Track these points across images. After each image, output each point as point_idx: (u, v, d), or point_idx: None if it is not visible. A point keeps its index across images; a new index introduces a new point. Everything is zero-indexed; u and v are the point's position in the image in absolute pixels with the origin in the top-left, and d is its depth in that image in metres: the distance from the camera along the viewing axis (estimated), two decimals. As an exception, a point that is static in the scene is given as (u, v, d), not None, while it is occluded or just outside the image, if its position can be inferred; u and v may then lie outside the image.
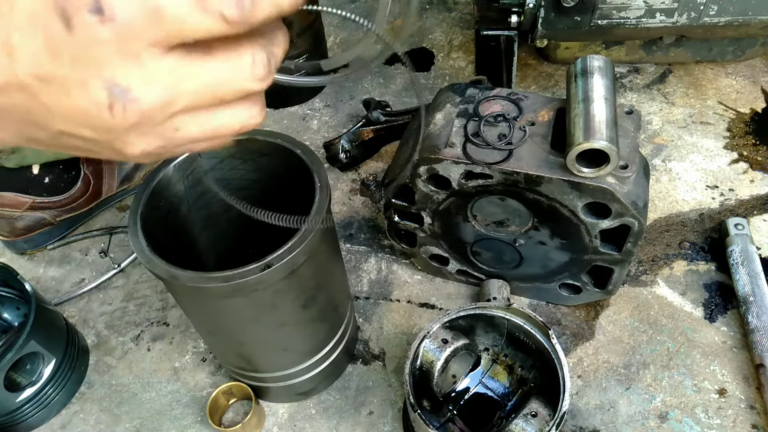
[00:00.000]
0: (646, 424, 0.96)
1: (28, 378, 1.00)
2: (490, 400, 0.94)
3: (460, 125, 0.91)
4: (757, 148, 1.31)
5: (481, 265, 1.08)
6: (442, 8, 1.77)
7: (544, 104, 0.92)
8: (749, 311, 1.01)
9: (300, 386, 0.98)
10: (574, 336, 1.07)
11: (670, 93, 1.44)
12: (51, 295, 1.21)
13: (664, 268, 1.14)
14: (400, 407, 1.01)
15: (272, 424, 1.01)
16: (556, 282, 1.05)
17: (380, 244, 1.24)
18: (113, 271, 1.23)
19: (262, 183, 0.89)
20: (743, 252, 1.08)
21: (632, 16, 1.13)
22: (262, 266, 0.68)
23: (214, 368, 1.09)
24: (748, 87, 1.42)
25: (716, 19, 1.14)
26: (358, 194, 1.30)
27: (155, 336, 1.14)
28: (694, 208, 1.22)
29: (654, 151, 1.33)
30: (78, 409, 1.06)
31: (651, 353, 1.03)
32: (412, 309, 1.14)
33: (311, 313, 0.84)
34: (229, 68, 0.35)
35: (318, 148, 1.39)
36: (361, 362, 1.07)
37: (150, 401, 1.06)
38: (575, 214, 0.88)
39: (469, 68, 1.57)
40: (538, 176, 0.85)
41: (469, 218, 0.98)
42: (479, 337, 0.95)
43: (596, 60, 0.87)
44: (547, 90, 1.49)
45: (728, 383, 0.99)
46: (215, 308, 0.78)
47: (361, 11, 1.80)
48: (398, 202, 1.02)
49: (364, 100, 1.37)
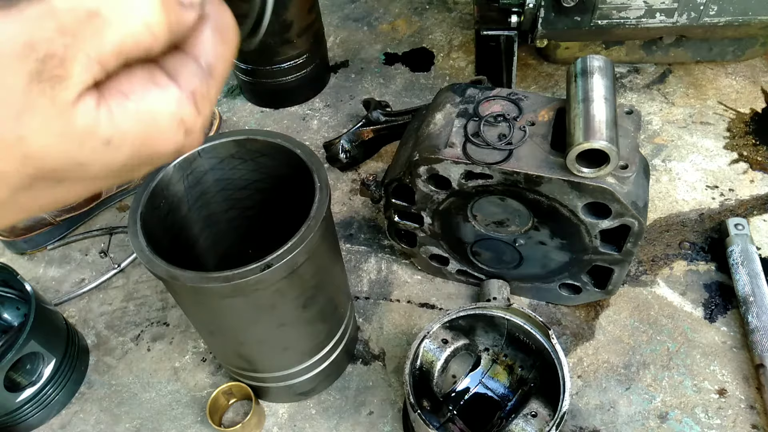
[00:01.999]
0: (646, 424, 0.96)
1: (28, 378, 1.00)
2: (490, 400, 0.94)
3: (460, 125, 0.91)
4: (757, 148, 1.31)
5: (481, 265, 1.08)
6: (442, 8, 1.77)
7: (544, 104, 0.92)
8: (749, 311, 1.01)
9: (300, 386, 0.98)
10: (574, 336, 1.07)
11: (670, 93, 1.44)
12: (51, 295, 1.21)
13: (664, 268, 1.14)
14: (400, 407, 1.01)
15: (272, 424, 1.01)
16: (556, 282, 1.05)
17: (380, 244, 1.24)
18: (113, 271, 1.23)
19: (262, 183, 0.89)
20: (743, 252, 1.08)
21: (632, 16, 1.13)
22: (262, 266, 0.68)
23: (214, 368, 1.09)
24: (748, 87, 1.42)
25: (716, 19, 1.14)
26: (358, 194, 1.30)
27: (155, 336, 1.14)
28: (694, 208, 1.22)
29: (654, 151, 1.33)
30: (78, 409, 1.06)
31: (651, 353, 1.03)
32: (412, 309, 1.13)
33: (311, 313, 0.84)
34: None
35: (318, 148, 1.39)
36: (361, 362, 1.07)
37: (150, 401, 1.06)
38: (575, 214, 0.88)
39: (469, 68, 1.57)
40: (538, 176, 0.85)
41: (469, 218, 0.98)
42: (479, 337, 0.95)
43: (596, 60, 0.87)
44: (547, 90, 1.49)
45: (728, 383, 0.99)
46: (215, 308, 0.78)
47: (360, 11, 1.80)
48: (398, 202, 1.02)
49: (364, 100, 1.37)
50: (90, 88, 0.26)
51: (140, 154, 0.28)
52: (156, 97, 0.27)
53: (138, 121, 0.27)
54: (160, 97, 0.27)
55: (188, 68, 0.29)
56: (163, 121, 0.28)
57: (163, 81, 0.28)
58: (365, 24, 1.76)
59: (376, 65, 1.63)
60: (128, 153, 0.27)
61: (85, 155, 0.26)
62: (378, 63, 1.63)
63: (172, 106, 0.28)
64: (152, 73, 0.27)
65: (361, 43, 1.70)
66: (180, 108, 0.28)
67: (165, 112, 0.28)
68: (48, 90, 0.24)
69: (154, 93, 0.27)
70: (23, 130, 0.24)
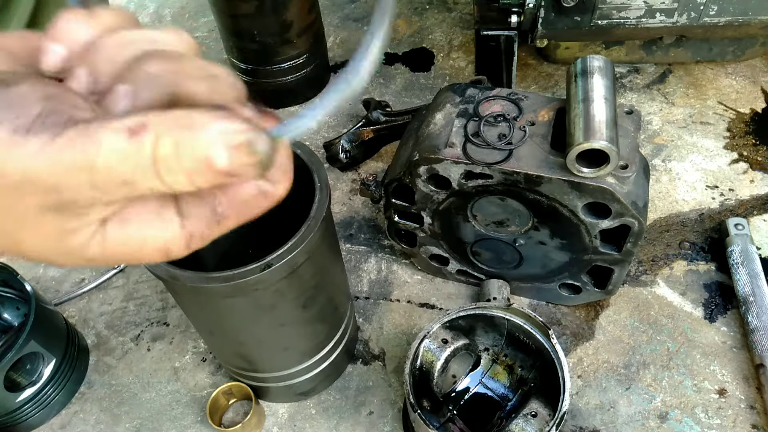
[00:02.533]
0: (646, 424, 0.96)
1: (28, 378, 1.00)
2: (490, 400, 0.94)
3: (460, 125, 0.91)
4: (757, 148, 1.31)
5: (481, 265, 1.08)
6: (442, 8, 1.77)
7: (544, 104, 0.92)
8: (749, 311, 1.01)
9: (300, 386, 0.98)
10: (574, 336, 1.07)
11: (670, 93, 1.44)
12: (51, 295, 1.21)
13: (664, 268, 1.14)
14: (400, 407, 1.01)
15: (272, 424, 1.01)
16: (556, 282, 1.05)
17: (380, 244, 1.24)
18: (113, 271, 1.23)
19: (262, 183, 0.89)
20: (743, 252, 1.08)
21: (632, 16, 1.13)
22: (262, 266, 0.68)
23: (214, 368, 1.09)
24: (748, 87, 1.42)
25: (716, 19, 1.14)
26: (358, 194, 1.30)
27: (155, 336, 1.14)
28: (694, 208, 1.22)
29: (654, 151, 1.33)
30: (78, 409, 1.06)
31: (651, 353, 1.03)
32: (412, 309, 1.13)
33: (311, 313, 0.84)
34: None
35: (318, 148, 1.39)
36: (361, 362, 1.07)
37: (150, 401, 1.06)
38: (575, 214, 0.88)
39: (469, 68, 1.57)
40: (538, 176, 0.85)
41: (469, 218, 0.98)
42: (479, 337, 0.95)
43: (596, 60, 0.86)
44: (547, 90, 1.49)
45: (728, 383, 0.99)
46: (215, 308, 0.77)
47: (360, 11, 1.80)
48: (398, 202, 1.02)
49: (364, 100, 1.37)
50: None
51: (115, 262, 0.28)
52: (154, 230, 0.27)
53: (125, 245, 0.27)
54: (158, 230, 0.27)
55: (201, 213, 0.28)
56: (150, 248, 0.28)
57: (169, 216, 0.28)
58: (365, 24, 1.76)
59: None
60: (104, 263, 0.28)
61: (68, 263, 0.27)
62: (378, 63, 1.63)
63: (165, 239, 0.28)
64: (163, 207, 0.27)
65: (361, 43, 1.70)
66: (171, 243, 0.28)
67: (156, 242, 0.28)
68: (56, 220, 0.25)
69: (155, 226, 0.27)
70: (21, 238, 0.26)
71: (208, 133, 0.24)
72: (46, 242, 0.26)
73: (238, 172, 0.25)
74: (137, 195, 0.25)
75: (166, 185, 0.24)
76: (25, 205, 0.24)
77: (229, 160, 0.24)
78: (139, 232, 0.27)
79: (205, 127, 0.24)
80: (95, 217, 0.26)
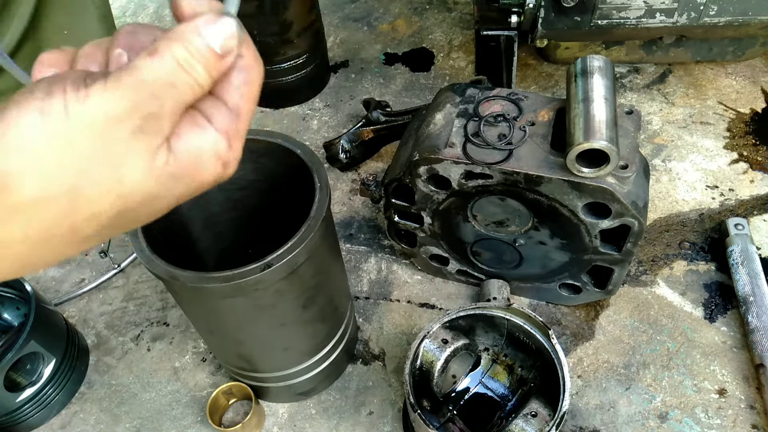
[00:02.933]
0: (646, 424, 0.96)
1: (28, 378, 1.00)
2: (490, 400, 0.94)
3: (460, 125, 0.91)
4: (757, 148, 1.31)
5: (481, 265, 1.08)
6: (442, 8, 1.77)
7: (544, 104, 0.92)
8: (749, 311, 1.01)
9: (300, 386, 0.98)
10: (574, 336, 1.07)
11: (670, 93, 1.44)
12: (51, 295, 1.21)
13: (664, 268, 1.14)
14: (400, 407, 1.01)
15: (272, 424, 1.01)
16: (556, 282, 1.05)
17: (380, 244, 1.24)
18: (113, 271, 1.23)
19: (262, 183, 0.89)
20: (743, 252, 1.08)
21: (632, 16, 1.13)
22: (262, 266, 0.68)
23: (214, 368, 1.09)
24: (748, 87, 1.42)
25: (716, 19, 1.13)
26: (358, 194, 1.30)
27: (155, 336, 1.14)
28: (694, 208, 1.22)
29: (654, 151, 1.33)
30: (78, 409, 1.06)
31: (651, 353, 1.03)
32: (412, 309, 1.13)
33: (311, 313, 0.84)
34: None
35: (318, 148, 1.39)
36: (361, 362, 1.07)
37: (150, 401, 1.06)
38: (575, 214, 0.88)
39: (469, 68, 1.57)
40: (538, 176, 0.85)
41: (469, 218, 0.98)
42: (479, 337, 0.95)
43: (596, 60, 0.86)
44: (547, 90, 1.49)
45: (728, 383, 0.99)
46: (215, 308, 0.77)
47: (360, 11, 1.80)
48: (398, 202, 1.02)
49: (364, 100, 1.37)
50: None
51: (190, 186, 0.34)
52: (200, 137, 0.33)
53: (189, 155, 0.33)
54: (203, 136, 0.33)
55: (220, 111, 0.34)
56: (206, 156, 0.33)
57: (203, 123, 0.33)
58: (365, 24, 1.76)
59: (376, 65, 1.63)
60: (184, 184, 0.33)
61: (158, 189, 0.32)
62: (378, 63, 1.63)
63: (211, 143, 0.34)
64: (194, 117, 0.33)
65: (361, 43, 1.70)
66: (217, 145, 0.34)
67: (206, 148, 0.33)
68: (145, 139, 0.31)
69: (198, 133, 0.33)
70: (122, 172, 0.31)
71: (206, 33, 0.32)
72: (140, 168, 0.31)
73: (228, 50, 0.33)
74: (179, 98, 0.31)
75: (192, 78, 0.32)
76: (117, 136, 0.30)
77: (222, 44, 0.32)
78: (191, 141, 0.33)
79: (201, 31, 0.32)
80: (166, 131, 0.31)
